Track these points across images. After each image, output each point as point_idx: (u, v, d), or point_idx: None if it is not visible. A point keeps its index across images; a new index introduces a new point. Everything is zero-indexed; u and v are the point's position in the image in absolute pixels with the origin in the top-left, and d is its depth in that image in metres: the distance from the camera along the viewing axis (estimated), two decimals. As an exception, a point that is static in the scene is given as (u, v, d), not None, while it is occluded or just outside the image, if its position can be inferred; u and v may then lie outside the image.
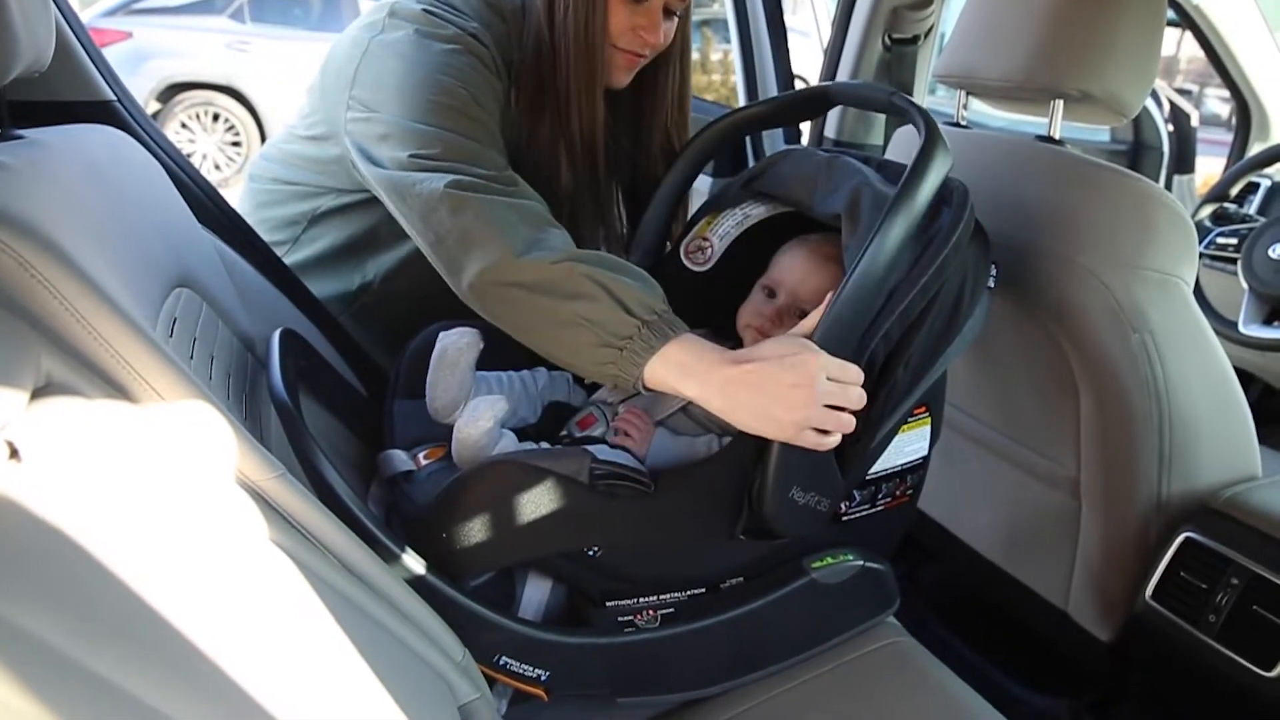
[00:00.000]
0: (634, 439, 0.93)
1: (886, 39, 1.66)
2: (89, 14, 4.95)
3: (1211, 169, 2.37)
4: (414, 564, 0.79)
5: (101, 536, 0.45)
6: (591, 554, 0.86)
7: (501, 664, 0.84)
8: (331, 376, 1.03)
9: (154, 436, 0.59)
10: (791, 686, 0.94)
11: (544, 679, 0.86)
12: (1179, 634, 1.04)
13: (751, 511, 0.84)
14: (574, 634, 0.88)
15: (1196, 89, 4.80)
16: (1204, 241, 1.61)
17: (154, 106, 5.01)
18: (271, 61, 5.13)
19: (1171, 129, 2.23)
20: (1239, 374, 1.09)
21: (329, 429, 0.99)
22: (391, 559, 0.77)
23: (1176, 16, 1.92)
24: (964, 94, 1.23)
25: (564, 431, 1.00)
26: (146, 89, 4.96)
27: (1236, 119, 2.05)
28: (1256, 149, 1.97)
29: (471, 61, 1.01)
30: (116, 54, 4.69)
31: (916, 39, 1.67)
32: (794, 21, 2.67)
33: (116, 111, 1.09)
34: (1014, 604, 1.30)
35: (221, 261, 0.97)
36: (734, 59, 1.89)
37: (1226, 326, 1.45)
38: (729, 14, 1.87)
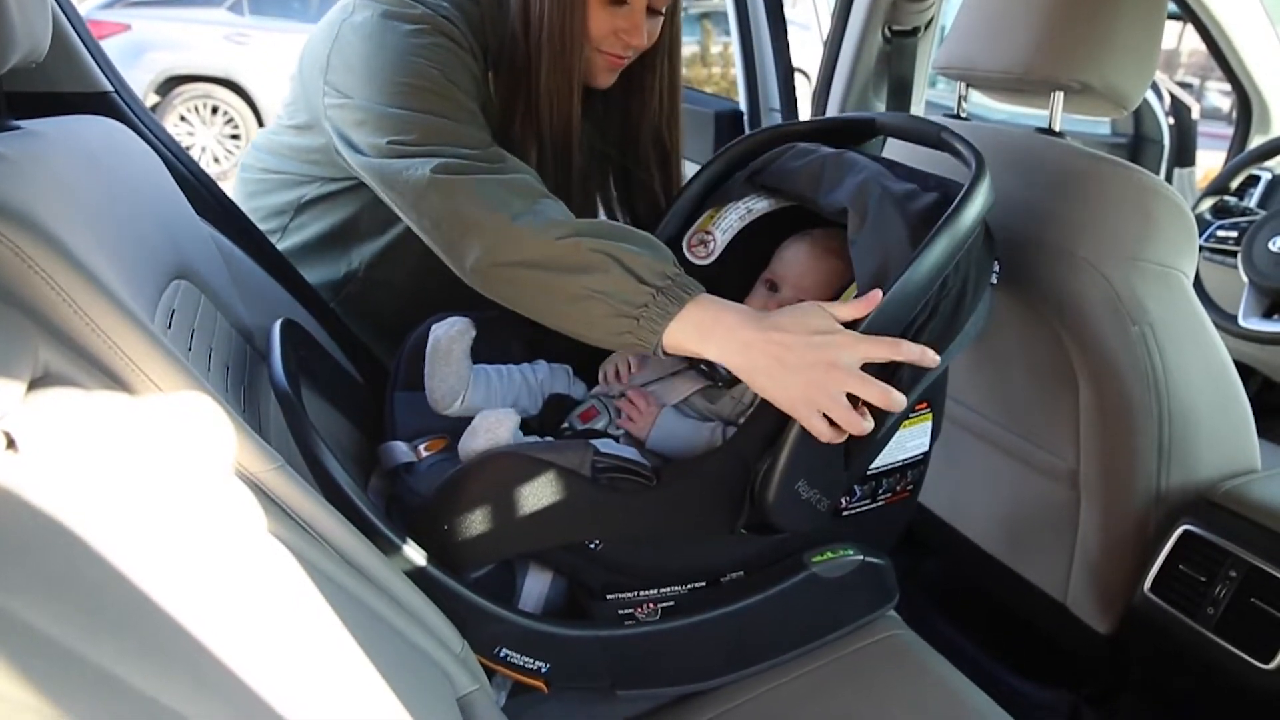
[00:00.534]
0: (636, 422, 0.93)
1: (886, 31, 1.66)
2: (87, 6, 4.94)
3: (1212, 162, 2.37)
4: (414, 555, 0.79)
5: (99, 528, 0.45)
6: (592, 547, 0.86)
7: (502, 656, 0.84)
8: (331, 366, 1.03)
9: (152, 428, 0.59)
10: (791, 680, 0.95)
11: (544, 671, 0.86)
12: (1177, 626, 1.04)
13: (753, 505, 0.84)
14: (574, 626, 0.88)
15: (1197, 82, 4.79)
16: (1204, 234, 1.61)
17: (153, 99, 5.00)
18: (270, 54, 5.10)
19: (1172, 122, 2.22)
20: (1239, 367, 1.09)
21: (329, 420, 0.99)
22: (392, 550, 0.77)
23: (1178, 9, 1.92)
24: (964, 86, 1.23)
25: (565, 424, 1.00)
26: (145, 81, 4.94)
27: (1237, 112, 2.05)
28: (1257, 142, 1.97)
29: (442, 41, 0.98)
30: (115, 46, 4.68)
31: (916, 31, 1.66)
32: (794, 14, 2.67)
33: (114, 102, 1.09)
34: (1013, 597, 1.30)
35: (220, 253, 0.97)
36: (734, 52, 1.89)
37: (1226, 319, 1.45)
38: (729, 7, 1.86)
